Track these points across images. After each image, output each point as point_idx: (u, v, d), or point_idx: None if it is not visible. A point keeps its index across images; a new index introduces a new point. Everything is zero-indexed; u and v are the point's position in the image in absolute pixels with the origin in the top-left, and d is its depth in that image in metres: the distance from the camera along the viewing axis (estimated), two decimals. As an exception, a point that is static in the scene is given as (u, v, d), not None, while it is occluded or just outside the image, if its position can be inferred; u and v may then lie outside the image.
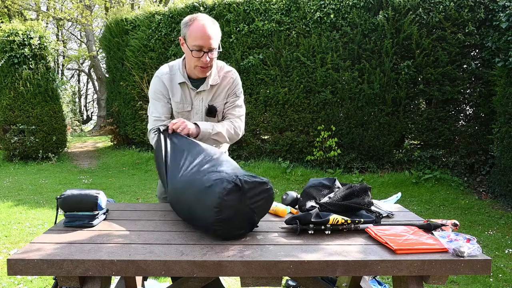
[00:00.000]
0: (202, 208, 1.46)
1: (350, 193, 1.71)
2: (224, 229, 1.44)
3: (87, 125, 21.61)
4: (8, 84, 8.04)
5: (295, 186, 5.90)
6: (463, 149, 5.84)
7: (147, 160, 7.97)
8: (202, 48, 1.85)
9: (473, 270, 1.34)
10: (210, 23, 1.87)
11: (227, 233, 1.46)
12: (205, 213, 1.44)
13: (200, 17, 1.87)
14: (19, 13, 14.55)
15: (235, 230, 1.48)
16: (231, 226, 1.44)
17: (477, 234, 4.02)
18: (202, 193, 1.47)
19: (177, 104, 2.03)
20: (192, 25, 1.86)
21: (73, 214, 1.60)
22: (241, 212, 1.44)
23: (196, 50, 1.85)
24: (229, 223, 1.43)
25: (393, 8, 5.89)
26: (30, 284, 2.85)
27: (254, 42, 6.86)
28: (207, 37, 1.83)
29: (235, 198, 1.41)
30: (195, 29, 1.85)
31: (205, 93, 2.03)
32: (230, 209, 1.41)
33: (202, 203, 1.46)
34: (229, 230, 1.46)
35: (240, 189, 1.41)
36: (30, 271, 1.29)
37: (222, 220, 1.41)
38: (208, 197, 1.44)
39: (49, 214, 4.61)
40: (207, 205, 1.43)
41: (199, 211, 1.48)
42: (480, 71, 5.64)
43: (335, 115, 6.37)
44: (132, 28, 8.81)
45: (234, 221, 1.44)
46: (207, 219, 1.44)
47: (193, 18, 1.88)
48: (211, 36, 1.85)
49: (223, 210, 1.40)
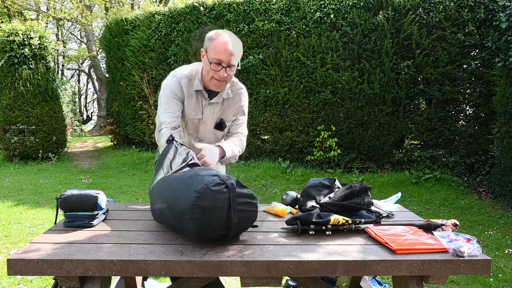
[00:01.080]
0: (184, 191, 1.41)
1: (350, 193, 1.71)
2: (197, 220, 1.35)
3: (87, 125, 21.61)
4: (8, 84, 8.04)
5: (295, 186, 5.90)
6: (463, 149, 5.84)
7: (147, 160, 7.97)
8: (222, 62, 1.87)
9: (473, 270, 1.34)
10: (233, 40, 1.90)
11: (199, 226, 1.37)
12: (185, 195, 1.38)
13: (224, 33, 1.91)
14: (19, 13, 14.55)
15: (207, 228, 1.38)
16: (205, 220, 1.36)
17: (477, 234, 4.02)
18: (191, 179, 1.45)
19: (190, 111, 2.04)
20: (216, 40, 1.89)
21: (73, 214, 1.60)
22: (220, 211, 1.38)
23: (215, 63, 1.88)
24: (205, 215, 1.35)
25: (393, 8, 5.89)
26: (30, 284, 2.85)
27: (254, 42, 6.86)
28: (228, 53, 1.86)
29: (219, 193, 1.37)
30: (218, 44, 1.87)
31: (217, 106, 2.06)
32: (211, 201, 1.36)
33: (186, 186, 1.42)
34: (202, 224, 1.36)
35: (227, 188, 1.39)
36: (30, 271, 1.29)
37: (199, 208, 1.34)
38: (195, 182, 1.40)
39: (49, 214, 4.61)
40: (190, 187, 1.39)
41: (180, 194, 1.42)
42: (480, 71, 5.65)
43: (335, 115, 6.38)
44: (132, 28, 8.81)
45: (211, 216, 1.37)
46: (185, 203, 1.37)
47: (218, 33, 1.91)
48: (232, 53, 1.87)
49: (203, 197, 1.35)
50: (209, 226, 1.38)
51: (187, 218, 1.37)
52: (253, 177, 6.39)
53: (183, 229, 1.43)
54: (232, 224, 1.41)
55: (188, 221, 1.37)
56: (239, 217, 1.41)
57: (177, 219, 1.44)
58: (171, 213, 1.48)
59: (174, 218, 1.47)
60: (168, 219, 1.53)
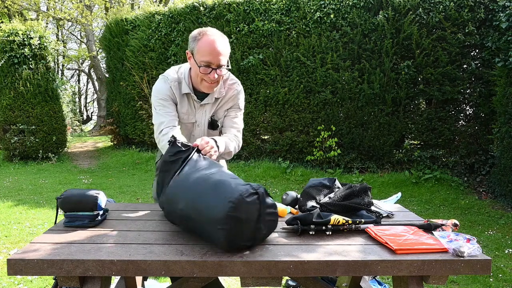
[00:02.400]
0: (215, 199, 1.36)
1: (350, 193, 1.71)
2: (230, 231, 1.32)
3: (87, 125, 21.61)
4: (8, 84, 8.04)
5: (295, 186, 5.90)
6: (463, 149, 5.84)
7: (147, 160, 7.97)
8: (211, 64, 1.79)
9: (473, 270, 1.34)
10: (219, 39, 1.80)
11: (230, 236, 1.33)
12: (218, 205, 1.34)
13: (209, 32, 1.81)
14: (19, 13, 14.55)
15: (238, 237, 1.35)
16: (237, 230, 1.33)
17: (477, 234, 4.02)
18: (220, 185, 1.40)
19: (182, 115, 1.98)
20: (201, 40, 1.79)
21: (73, 214, 1.61)
22: (250, 221, 1.36)
23: (204, 66, 1.79)
24: (237, 226, 1.33)
25: (393, 8, 5.89)
26: (30, 284, 2.85)
27: (254, 42, 6.86)
28: (216, 53, 1.77)
29: (253, 204, 1.35)
30: (204, 44, 1.78)
31: (209, 106, 1.99)
32: (244, 212, 1.33)
33: (217, 193, 1.37)
34: (234, 234, 1.33)
35: (258, 199, 1.37)
36: (30, 271, 1.29)
37: (233, 219, 1.31)
38: (227, 191, 1.36)
39: (49, 214, 4.61)
40: (222, 196, 1.35)
41: (210, 201, 1.37)
42: (480, 71, 5.65)
43: (335, 115, 6.38)
44: (132, 28, 8.81)
45: (242, 226, 1.34)
46: (218, 212, 1.33)
47: (202, 33, 1.81)
48: (221, 52, 1.78)
49: (238, 208, 1.32)
50: (239, 236, 1.35)
51: (218, 228, 1.33)
52: (253, 177, 6.39)
53: (211, 237, 1.38)
54: (261, 234, 1.41)
55: (219, 231, 1.33)
56: (266, 224, 1.41)
57: (205, 227, 1.39)
58: (198, 219, 1.41)
59: (201, 226, 1.41)
60: (191, 224, 1.46)
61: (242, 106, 2.09)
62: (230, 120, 2.05)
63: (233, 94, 2.02)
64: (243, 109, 2.11)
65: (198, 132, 2.03)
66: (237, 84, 2.05)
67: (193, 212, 1.43)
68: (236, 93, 2.03)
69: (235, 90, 2.03)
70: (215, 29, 1.85)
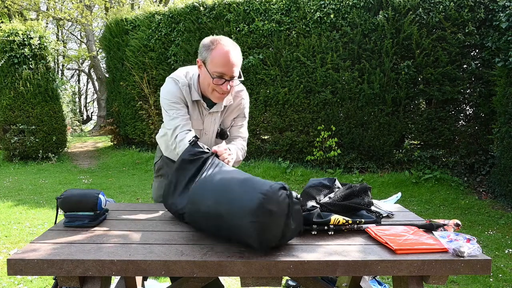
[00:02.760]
0: (245, 193, 1.33)
1: (350, 193, 1.70)
2: (261, 223, 1.28)
3: (87, 125, 21.61)
4: (8, 84, 8.04)
5: (295, 186, 5.90)
6: (463, 149, 5.84)
7: (147, 160, 7.97)
8: (224, 75, 1.74)
9: (473, 270, 1.34)
10: (234, 49, 1.75)
11: (262, 231, 1.29)
12: (248, 197, 1.31)
13: (223, 41, 1.75)
14: (19, 13, 14.55)
15: (269, 232, 1.31)
16: (268, 225, 1.29)
17: (477, 234, 4.02)
18: (249, 180, 1.39)
19: (192, 120, 1.93)
20: (215, 50, 1.73)
21: (73, 214, 1.60)
22: (281, 217, 1.32)
23: (217, 77, 1.75)
24: (269, 220, 1.29)
25: (393, 8, 5.89)
26: (30, 284, 2.85)
27: (254, 42, 6.86)
28: (231, 65, 1.73)
29: (283, 197, 1.33)
30: (218, 55, 1.72)
31: (217, 114, 1.96)
32: (276, 205, 1.30)
33: (247, 187, 1.35)
34: (265, 228, 1.29)
35: (287, 194, 1.35)
36: (30, 271, 1.29)
37: (266, 211, 1.28)
38: (257, 184, 1.35)
39: (49, 214, 4.61)
40: (253, 189, 1.32)
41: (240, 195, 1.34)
42: (480, 71, 5.65)
43: (335, 115, 6.38)
44: (132, 28, 8.81)
45: (274, 220, 1.30)
46: (248, 204, 1.30)
47: (215, 41, 1.75)
48: (235, 64, 1.74)
49: (270, 200, 1.29)
50: (271, 232, 1.31)
51: (249, 221, 1.28)
52: (253, 177, 6.38)
53: (242, 233, 1.33)
54: (290, 231, 1.36)
55: (250, 224, 1.28)
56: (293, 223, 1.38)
57: (235, 221, 1.34)
58: (228, 215, 1.36)
59: (231, 221, 1.35)
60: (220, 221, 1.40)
61: (247, 114, 2.08)
62: (236, 130, 2.05)
63: (240, 103, 2.00)
64: (247, 117, 2.10)
65: (205, 140, 2.00)
66: (244, 92, 2.02)
67: (222, 207, 1.38)
68: (242, 101, 2.01)
69: (241, 99, 2.01)
70: (228, 38, 1.80)
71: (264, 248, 1.34)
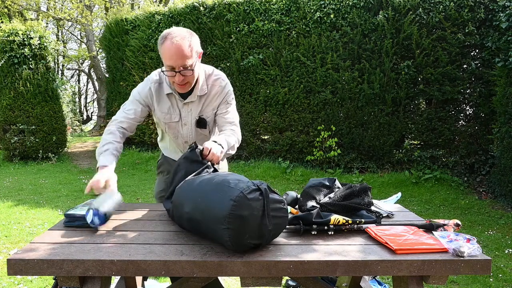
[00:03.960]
0: (218, 199, 1.36)
1: (350, 193, 1.70)
2: (234, 229, 1.31)
3: (87, 125, 21.60)
4: (8, 84, 8.03)
5: (295, 186, 5.90)
6: (463, 149, 5.84)
7: (147, 160, 7.97)
8: (174, 68, 1.77)
9: (473, 270, 1.34)
10: (178, 41, 1.74)
11: (235, 236, 1.32)
12: (220, 204, 1.34)
13: (170, 35, 1.75)
14: (19, 13, 14.55)
15: (243, 236, 1.33)
16: (241, 229, 1.32)
17: (477, 234, 4.02)
18: (222, 185, 1.41)
19: (164, 115, 1.97)
20: (163, 45, 1.76)
21: (73, 214, 1.61)
22: (255, 218, 1.34)
23: (168, 70, 1.79)
24: (241, 225, 1.31)
25: (393, 8, 5.89)
26: (30, 284, 2.85)
27: (254, 42, 6.86)
28: (176, 58, 1.74)
29: (255, 200, 1.33)
30: (164, 49, 1.76)
31: (194, 104, 1.97)
32: (247, 209, 1.32)
33: (219, 193, 1.38)
34: (238, 233, 1.32)
35: (261, 194, 1.36)
36: (30, 271, 1.29)
37: (236, 217, 1.30)
38: (228, 189, 1.36)
39: (49, 214, 4.61)
40: (225, 195, 1.35)
41: (214, 201, 1.38)
42: (480, 71, 5.65)
43: (335, 115, 6.38)
44: (132, 28, 8.81)
45: (247, 224, 1.32)
46: (221, 211, 1.33)
47: (164, 37, 1.77)
48: (180, 56, 1.74)
49: (240, 206, 1.31)
50: (245, 235, 1.34)
51: (222, 228, 1.32)
52: (253, 177, 6.39)
53: (218, 237, 1.38)
54: (267, 231, 1.37)
55: (224, 230, 1.32)
56: (273, 223, 1.38)
57: (210, 227, 1.39)
58: (204, 221, 1.41)
59: (207, 226, 1.40)
60: (199, 226, 1.46)
61: (231, 100, 2.03)
62: (222, 118, 2.02)
63: (217, 91, 1.98)
64: (233, 102, 2.06)
65: (185, 131, 2.02)
66: (221, 80, 2.00)
67: (199, 214, 1.43)
68: (220, 89, 1.99)
69: (219, 87, 1.98)
70: (179, 30, 1.79)
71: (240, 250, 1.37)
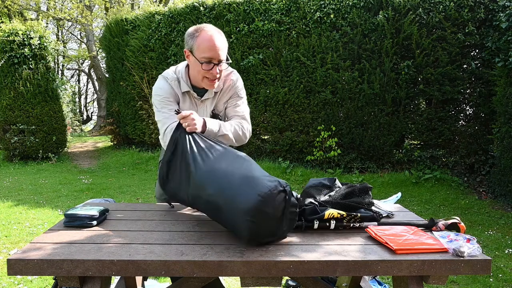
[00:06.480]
0: (244, 192, 1.39)
1: (351, 192, 1.71)
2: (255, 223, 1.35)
3: (87, 125, 21.62)
4: (8, 84, 8.04)
5: (295, 186, 5.90)
6: (463, 149, 5.84)
7: (147, 160, 7.97)
8: (212, 60, 1.79)
9: (473, 270, 1.34)
10: (217, 34, 1.80)
11: (255, 229, 1.37)
12: (246, 197, 1.37)
13: (206, 28, 1.80)
14: (19, 13, 14.55)
15: (262, 231, 1.39)
16: (262, 224, 1.37)
17: (477, 234, 4.02)
18: (251, 177, 1.43)
19: None
20: (199, 37, 1.78)
21: (73, 214, 1.61)
22: (275, 217, 1.39)
23: (206, 63, 1.79)
24: (263, 220, 1.36)
25: (393, 8, 5.89)
26: (30, 284, 2.85)
27: (254, 42, 6.86)
28: (217, 48, 1.77)
29: (280, 201, 1.38)
30: (203, 40, 1.77)
31: (209, 101, 1.99)
32: (271, 207, 1.36)
33: (248, 186, 1.40)
34: (259, 227, 1.36)
35: (285, 197, 1.40)
36: (30, 271, 1.29)
37: (261, 212, 1.34)
38: (257, 184, 1.39)
39: (49, 214, 4.61)
40: (252, 189, 1.38)
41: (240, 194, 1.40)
42: (480, 71, 5.64)
43: (335, 115, 6.38)
44: (132, 28, 8.81)
45: (268, 221, 1.37)
46: (246, 203, 1.36)
47: (199, 29, 1.80)
48: (220, 47, 1.78)
49: (266, 202, 1.35)
50: (262, 230, 1.39)
51: (246, 219, 1.35)
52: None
53: (236, 226, 1.41)
54: (281, 231, 1.43)
55: (246, 222, 1.35)
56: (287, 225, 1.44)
57: (231, 215, 1.42)
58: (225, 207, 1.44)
59: (228, 213, 1.43)
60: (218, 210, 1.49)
61: (242, 93, 2.05)
62: (232, 110, 2.03)
63: (229, 85, 2.01)
64: (244, 96, 2.08)
65: None
66: (233, 74, 2.03)
67: (222, 200, 1.45)
68: (232, 83, 2.01)
69: (231, 81, 2.01)
70: (210, 25, 1.86)
71: (252, 244, 1.42)
